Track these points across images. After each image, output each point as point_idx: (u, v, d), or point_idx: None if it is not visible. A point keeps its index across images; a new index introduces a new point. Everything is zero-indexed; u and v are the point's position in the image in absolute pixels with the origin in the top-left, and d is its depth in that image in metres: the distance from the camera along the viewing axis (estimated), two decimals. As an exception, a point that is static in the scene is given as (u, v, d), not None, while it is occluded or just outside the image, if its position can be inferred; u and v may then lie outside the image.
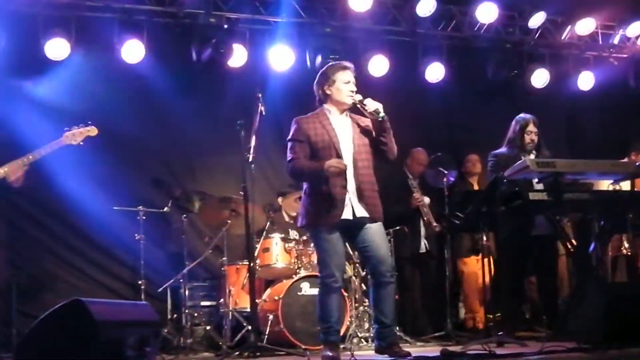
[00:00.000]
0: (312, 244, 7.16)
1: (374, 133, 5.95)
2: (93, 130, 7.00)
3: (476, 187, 9.13)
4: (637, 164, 6.82)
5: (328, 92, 5.98)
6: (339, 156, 5.79)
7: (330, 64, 6.18)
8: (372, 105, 5.83)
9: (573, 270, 8.36)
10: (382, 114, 5.80)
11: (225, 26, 8.73)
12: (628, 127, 10.57)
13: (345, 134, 5.91)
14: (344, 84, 5.94)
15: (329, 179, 5.76)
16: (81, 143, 6.93)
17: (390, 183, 8.59)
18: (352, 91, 5.94)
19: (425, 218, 8.71)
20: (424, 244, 8.89)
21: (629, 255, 8.51)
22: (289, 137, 6.02)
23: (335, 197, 5.78)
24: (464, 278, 9.09)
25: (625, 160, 8.57)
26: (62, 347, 4.75)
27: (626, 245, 8.45)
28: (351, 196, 5.80)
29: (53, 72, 8.32)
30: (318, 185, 5.85)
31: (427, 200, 8.72)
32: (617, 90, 10.49)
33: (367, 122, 6.01)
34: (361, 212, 5.81)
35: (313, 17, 9.10)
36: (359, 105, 5.89)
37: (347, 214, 5.79)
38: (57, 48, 8.17)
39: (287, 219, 8.72)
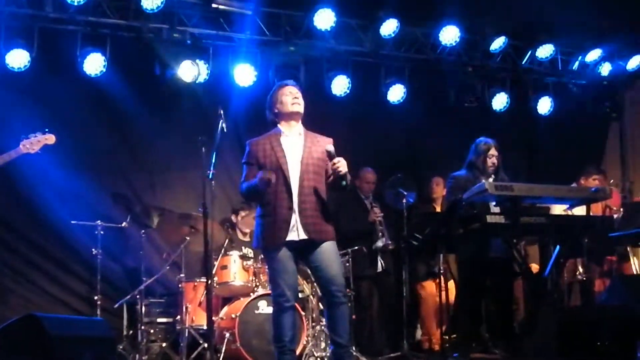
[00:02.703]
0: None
1: (329, 171, 5.93)
2: (50, 139, 6.83)
3: (438, 210, 9.19)
4: (592, 189, 6.89)
5: (276, 110, 6.03)
6: (286, 177, 5.81)
7: (272, 90, 6.22)
8: (342, 167, 5.79)
9: (529, 293, 8.43)
10: (344, 182, 5.81)
11: (189, 42, 8.72)
12: (585, 152, 10.73)
13: (294, 155, 5.91)
14: (285, 96, 6.00)
15: (277, 199, 5.78)
16: (39, 152, 6.79)
17: (344, 202, 8.64)
18: (296, 98, 5.98)
19: (379, 234, 8.73)
20: (380, 263, 8.93)
21: (583, 281, 8.60)
22: (243, 160, 6.08)
23: (281, 218, 5.78)
24: (421, 300, 9.13)
25: (574, 185, 8.69)
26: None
27: (580, 270, 8.53)
28: (297, 217, 5.80)
29: (14, 82, 8.23)
30: (266, 206, 5.86)
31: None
32: (575, 116, 10.63)
33: (321, 144, 6.00)
34: (306, 233, 5.79)
35: (277, 35, 9.10)
36: (328, 155, 5.87)
37: (292, 236, 5.78)
38: (17, 58, 8.09)
39: (240, 236, 8.71)
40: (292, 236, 5.77)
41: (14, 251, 8.43)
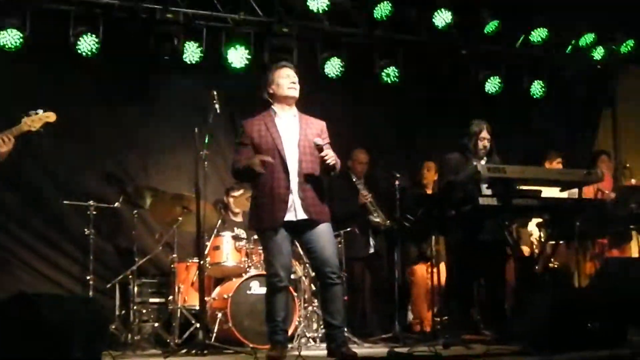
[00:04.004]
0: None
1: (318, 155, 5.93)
2: (52, 116, 6.59)
3: (429, 192, 9.19)
4: (585, 172, 6.90)
5: (271, 91, 6.05)
6: (282, 158, 5.82)
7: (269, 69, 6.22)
8: (330, 159, 5.81)
9: (520, 275, 8.45)
10: (334, 172, 5.88)
11: (182, 22, 8.70)
12: (578, 136, 10.77)
13: (291, 136, 5.94)
14: (282, 79, 6.01)
15: (273, 180, 5.79)
16: (41, 130, 6.46)
17: (336, 184, 8.63)
18: (293, 82, 6.00)
19: (373, 215, 8.74)
20: (372, 245, 8.95)
21: (555, 269, 8.62)
22: (236, 139, 6.07)
23: (279, 198, 5.80)
24: (412, 284, 9.14)
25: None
26: (7, 342, 4.70)
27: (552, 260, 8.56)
28: (295, 197, 5.82)
29: (5, 62, 8.20)
30: (262, 186, 5.87)
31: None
32: (569, 99, 10.65)
33: (316, 126, 6.05)
34: (304, 213, 5.81)
35: (271, 16, 9.09)
36: (316, 147, 5.88)
37: (290, 216, 5.80)
38: (10, 38, 8.07)
39: (232, 216, 8.72)
40: (290, 216, 5.80)
41: (6, 231, 8.41)
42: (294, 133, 5.96)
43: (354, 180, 8.96)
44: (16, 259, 8.43)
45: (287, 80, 6.01)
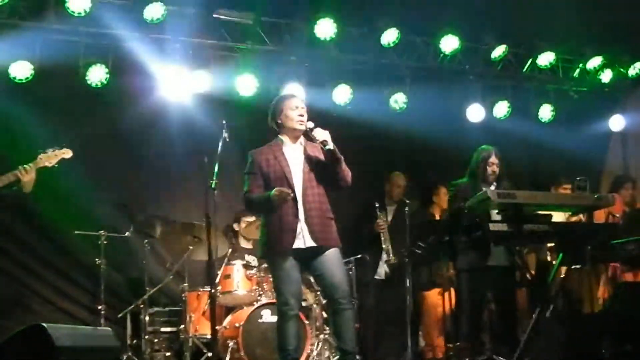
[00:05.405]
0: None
1: (325, 161, 5.99)
2: (67, 153, 6.78)
3: (438, 218, 9.18)
4: (595, 196, 6.89)
5: (279, 121, 6.07)
6: (290, 186, 5.85)
7: (278, 96, 6.24)
8: (320, 135, 5.88)
9: (532, 300, 8.41)
10: (328, 145, 5.83)
11: (191, 52, 8.75)
12: (587, 159, 10.74)
13: (297, 164, 5.97)
14: (291, 111, 6.02)
15: (282, 208, 5.80)
16: (56, 165, 6.73)
17: (360, 206, 8.62)
18: (301, 115, 6.00)
19: (384, 246, 8.75)
20: (383, 271, 8.93)
21: (568, 294, 8.57)
22: (245, 170, 6.09)
23: (287, 226, 5.82)
24: (423, 310, 9.12)
25: None
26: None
27: None
28: (302, 225, 5.83)
29: (16, 94, 8.25)
30: (271, 215, 5.89)
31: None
32: (577, 123, 10.65)
33: (319, 150, 6.05)
34: (313, 240, 5.83)
35: (279, 45, 9.14)
36: (309, 133, 5.94)
37: (299, 243, 5.82)
38: (21, 70, 8.12)
39: (243, 244, 8.73)
40: (299, 244, 5.81)
41: (17, 262, 8.44)
42: (299, 161, 6.00)
43: (377, 205, 8.88)
44: (28, 290, 8.46)
45: (295, 113, 6.02)
